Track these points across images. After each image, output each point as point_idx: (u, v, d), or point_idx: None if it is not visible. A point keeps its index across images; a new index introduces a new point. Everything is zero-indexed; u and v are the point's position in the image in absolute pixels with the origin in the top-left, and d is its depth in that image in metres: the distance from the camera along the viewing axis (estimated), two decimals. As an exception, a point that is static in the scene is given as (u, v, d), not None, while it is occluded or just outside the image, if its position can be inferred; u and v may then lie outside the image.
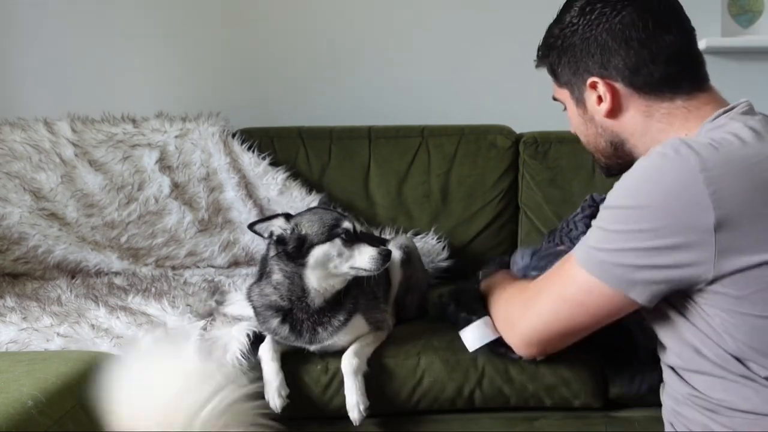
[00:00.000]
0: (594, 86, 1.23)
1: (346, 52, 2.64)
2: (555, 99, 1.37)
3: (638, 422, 1.54)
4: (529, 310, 1.27)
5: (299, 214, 1.52)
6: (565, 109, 1.36)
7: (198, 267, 2.22)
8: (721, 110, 1.15)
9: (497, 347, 1.44)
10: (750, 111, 1.15)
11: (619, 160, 1.30)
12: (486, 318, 1.46)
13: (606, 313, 1.16)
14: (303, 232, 1.46)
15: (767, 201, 1.03)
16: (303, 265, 1.46)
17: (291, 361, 1.53)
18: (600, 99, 1.23)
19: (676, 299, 1.12)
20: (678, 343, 1.14)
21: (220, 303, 1.84)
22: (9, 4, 2.58)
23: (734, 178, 1.03)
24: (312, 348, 1.53)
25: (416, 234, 2.26)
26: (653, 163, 1.08)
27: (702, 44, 2.53)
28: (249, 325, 1.59)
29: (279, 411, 1.46)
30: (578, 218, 2.00)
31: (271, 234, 1.47)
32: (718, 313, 1.07)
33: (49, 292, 1.93)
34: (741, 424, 1.08)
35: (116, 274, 2.13)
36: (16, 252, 2.12)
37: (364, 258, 1.44)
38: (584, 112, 1.29)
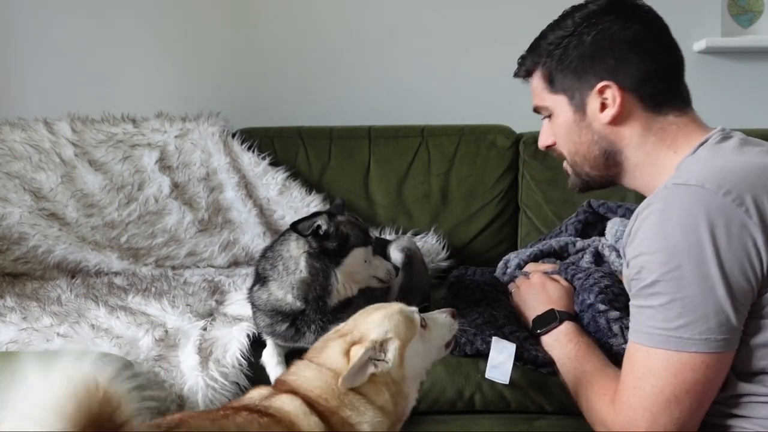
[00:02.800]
0: (602, 91, 1.23)
1: (346, 52, 2.64)
2: (537, 109, 1.37)
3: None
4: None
5: (335, 215, 1.54)
6: (545, 117, 1.36)
7: (198, 267, 2.22)
8: (698, 144, 1.18)
9: (524, 360, 1.45)
10: (725, 137, 1.18)
11: (606, 172, 1.30)
12: (495, 344, 1.44)
13: (722, 377, 1.10)
14: (345, 231, 1.49)
15: None
16: (338, 263, 1.48)
17: (289, 361, 1.52)
18: (603, 106, 1.24)
19: None
20: None
21: (220, 303, 1.84)
22: (9, 4, 2.58)
23: (753, 191, 1.04)
24: None
25: (416, 234, 2.26)
26: (665, 213, 1.06)
27: (702, 44, 2.53)
28: (249, 326, 1.59)
29: None
30: (570, 221, 2.00)
31: (317, 228, 1.47)
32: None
33: (49, 292, 1.92)
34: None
35: (116, 274, 2.13)
36: (16, 252, 2.12)
37: (382, 269, 1.55)
38: (582, 119, 1.28)
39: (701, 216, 1.03)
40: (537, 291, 1.55)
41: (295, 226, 1.47)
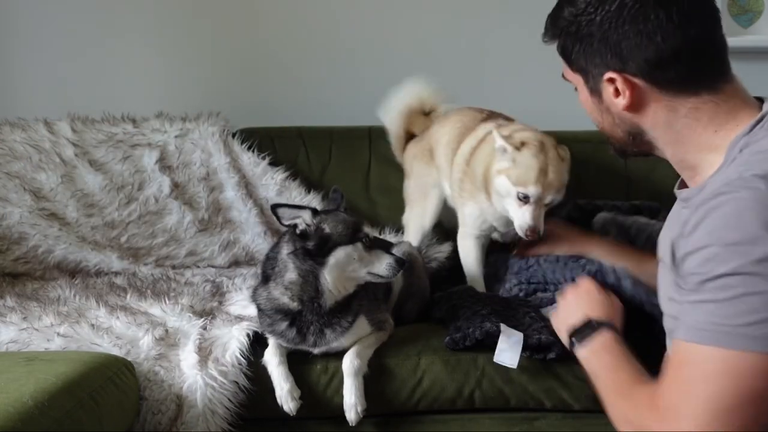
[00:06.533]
0: (611, 81, 1.14)
1: (346, 52, 2.64)
2: (565, 78, 1.26)
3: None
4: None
5: (322, 212, 1.53)
6: (576, 89, 1.26)
7: (198, 267, 2.22)
8: (753, 121, 1.10)
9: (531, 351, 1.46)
10: None
11: (635, 148, 1.23)
12: (504, 330, 1.45)
13: None
14: (327, 230, 1.46)
15: None
16: (322, 264, 1.46)
17: (290, 360, 1.53)
18: (617, 92, 1.15)
19: None
20: None
21: (220, 303, 1.84)
22: (9, 4, 2.58)
23: None
24: (316, 351, 1.53)
25: (416, 234, 2.26)
26: (744, 203, 0.97)
27: (702, 44, 2.53)
28: (249, 325, 1.59)
29: (294, 413, 1.46)
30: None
31: (294, 226, 1.46)
32: None
33: (49, 292, 1.92)
34: None
35: (116, 274, 2.13)
36: (16, 252, 2.12)
37: (382, 264, 1.48)
38: (599, 102, 1.20)
39: None
40: (577, 299, 1.42)
41: (274, 208, 1.46)
